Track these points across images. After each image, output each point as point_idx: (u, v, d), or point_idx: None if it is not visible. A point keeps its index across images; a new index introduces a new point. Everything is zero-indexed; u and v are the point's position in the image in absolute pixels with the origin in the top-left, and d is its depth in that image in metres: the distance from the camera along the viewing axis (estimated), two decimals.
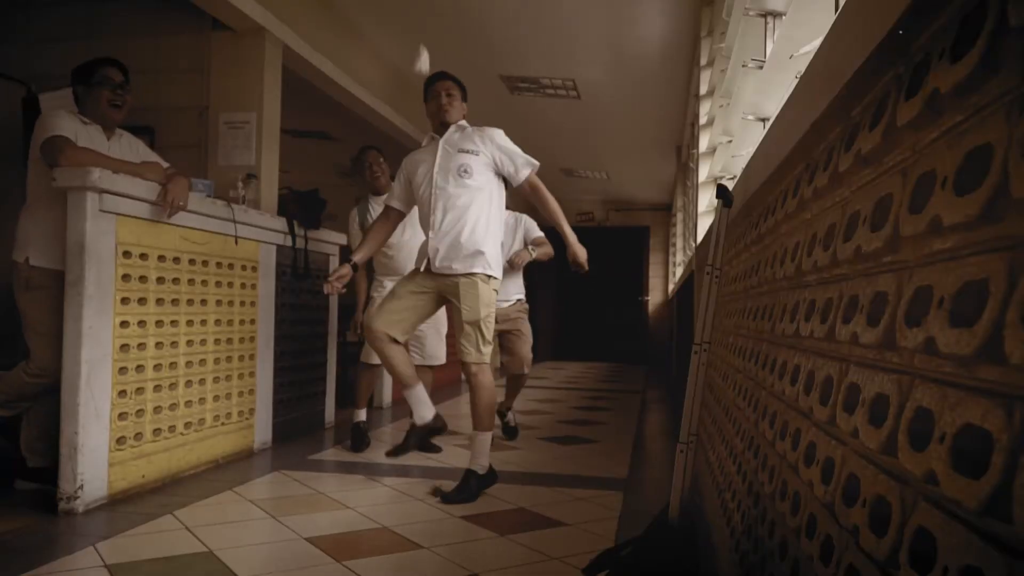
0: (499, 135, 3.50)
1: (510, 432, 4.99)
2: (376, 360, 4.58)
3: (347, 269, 3.52)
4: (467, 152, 3.42)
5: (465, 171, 3.39)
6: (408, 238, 4.49)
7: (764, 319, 1.68)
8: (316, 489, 3.45)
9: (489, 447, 3.45)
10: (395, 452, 4.26)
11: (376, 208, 4.50)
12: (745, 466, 1.71)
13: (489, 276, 3.42)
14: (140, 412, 3.26)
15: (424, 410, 3.52)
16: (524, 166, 3.47)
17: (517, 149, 3.50)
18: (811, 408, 1.15)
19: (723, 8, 3.79)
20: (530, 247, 4.83)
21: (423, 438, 3.47)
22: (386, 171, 4.57)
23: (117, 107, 3.27)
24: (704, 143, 5.21)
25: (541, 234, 4.97)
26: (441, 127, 3.51)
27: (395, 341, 3.43)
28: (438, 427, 3.58)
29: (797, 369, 1.29)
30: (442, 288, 3.45)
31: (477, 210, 3.40)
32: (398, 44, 6.47)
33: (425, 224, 3.49)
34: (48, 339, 3.05)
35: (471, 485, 3.33)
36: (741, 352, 2.00)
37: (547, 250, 4.87)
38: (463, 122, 3.54)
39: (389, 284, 4.50)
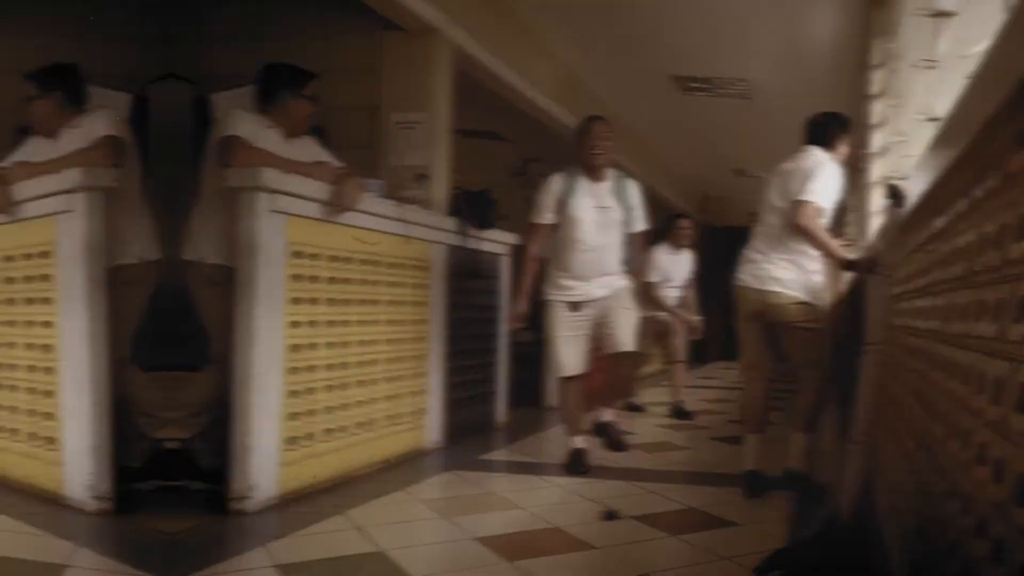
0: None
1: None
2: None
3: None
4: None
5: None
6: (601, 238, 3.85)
7: (934, 319, 1.70)
8: (487, 489, 3.47)
9: None
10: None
11: (583, 194, 3.78)
12: (915, 465, 1.75)
13: None
14: (311, 412, 3.30)
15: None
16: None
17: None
18: (982, 408, 1.17)
19: (893, 9, 3.90)
20: None
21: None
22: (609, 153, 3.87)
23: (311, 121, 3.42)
24: (875, 143, 5.20)
25: None
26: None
27: None
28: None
29: (968, 369, 1.30)
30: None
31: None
32: (572, 45, 6.43)
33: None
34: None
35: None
36: (911, 351, 2.03)
37: None
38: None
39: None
